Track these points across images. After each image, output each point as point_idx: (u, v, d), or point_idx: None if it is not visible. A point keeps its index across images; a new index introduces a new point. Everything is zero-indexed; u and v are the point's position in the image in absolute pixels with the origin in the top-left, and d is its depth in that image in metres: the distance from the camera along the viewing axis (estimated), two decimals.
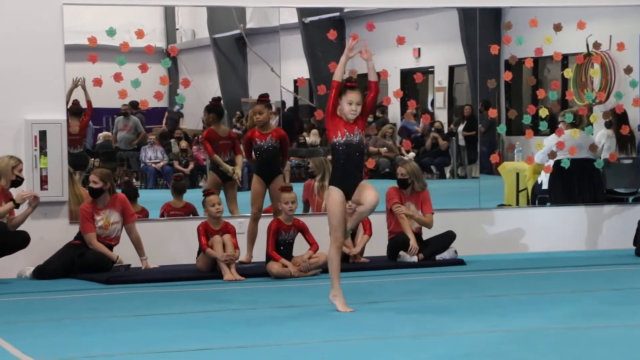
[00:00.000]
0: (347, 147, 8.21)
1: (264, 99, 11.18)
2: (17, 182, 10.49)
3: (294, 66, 16.85)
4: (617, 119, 13.11)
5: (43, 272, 10.57)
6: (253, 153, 11.14)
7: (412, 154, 15.65)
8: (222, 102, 12.05)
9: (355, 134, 8.22)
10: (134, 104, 13.52)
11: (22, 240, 10.41)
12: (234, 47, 17.56)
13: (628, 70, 12.82)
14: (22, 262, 10.74)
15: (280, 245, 10.56)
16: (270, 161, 10.94)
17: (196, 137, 15.10)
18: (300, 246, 10.75)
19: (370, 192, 8.21)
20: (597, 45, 13.06)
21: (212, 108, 12.43)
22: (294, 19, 16.61)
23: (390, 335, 7.46)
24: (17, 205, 10.36)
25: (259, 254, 10.84)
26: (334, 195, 8.20)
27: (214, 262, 10.51)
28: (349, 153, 8.20)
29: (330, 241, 8.29)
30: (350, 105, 8.20)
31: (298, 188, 12.73)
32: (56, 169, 10.93)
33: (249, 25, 17.07)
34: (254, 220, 11.00)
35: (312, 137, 17.92)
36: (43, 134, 10.92)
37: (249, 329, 7.81)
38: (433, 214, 11.40)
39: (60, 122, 10.98)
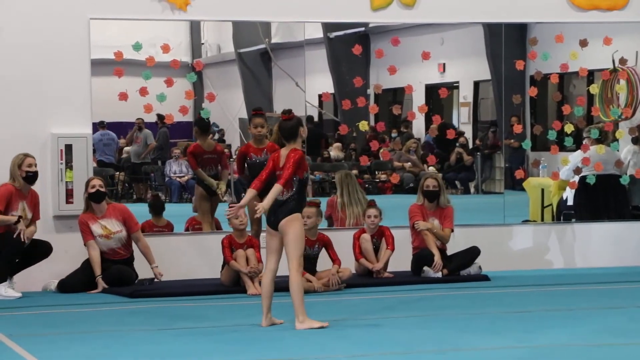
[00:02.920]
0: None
1: (261, 112, 11.13)
2: (31, 177, 10.40)
3: (319, 81, 16.89)
4: None
5: (67, 286, 10.60)
6: (247, 169, 11.03)
7: (432, 169, 15.63)
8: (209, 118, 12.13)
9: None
10: (160, 117, 13.60)
11: (45, 249, 10.41)
12: (259, 61, 17.62)
13: None
14: (47, 276, 10.78)
15: (304, 260, 10.52)
16: None
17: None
18: (323, 261, 10.74)
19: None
20: (623, 61, 13.00)
21: (195, 122, 12.47)
22: (319, 33, 16.65)
23: (414, 350, 7.43)
24: (17, 220, 10.27)
25: (283, 269, 10.81)
26: (302, 222, 8.41)
27: (238, 276, 10.51)
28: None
29: (295, 268, 8.26)
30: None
31: (321, 203, 12.75)
32: (81, 183, 10.95)
33: (274, 40, 17.13)
34: (255, 237, 10.91)
35: (335, 152, 17.94)
36: (69, 148, 10.96)
37: (273, 343, 7.80)
38: (452, 231, 11.36)
39: (86, 135, 11.03)
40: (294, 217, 8.30)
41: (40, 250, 10.43)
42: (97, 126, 15.01)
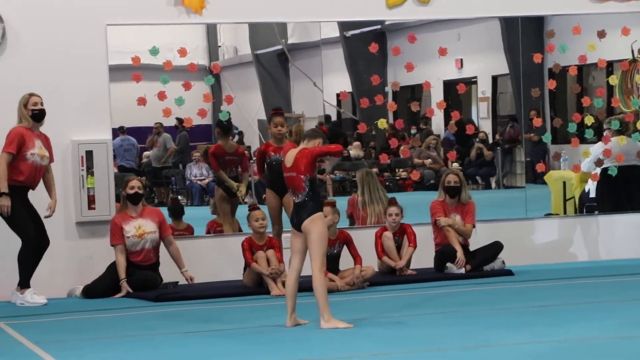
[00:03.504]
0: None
1: (281, 111, 11.20)
2: (37, 115, 10.27)
3: (336, 80, 16.89)
4: None
5: (92, 291, 10.63)
6: (266, 167, 11.07)
7: (455, 165, 15.61)
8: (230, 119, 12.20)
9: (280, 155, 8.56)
10: (180, 121, 13.67)
11: (45, 241, 10.28)
12: (276, 62, 17.64)
13: None
14: (71, 282, 10.82)
15: (326, 260, 10.52)
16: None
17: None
18: (346, 260, 10.73)
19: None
20: None
21: (217, 123, 12.57)
22: (335, 33, 16.66)
23: (439, 348, 7.42)
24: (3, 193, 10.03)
25: (306, 269, 10.82)
26: (325, 221, 8.40)
27: (261, 278, 10.52)
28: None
29: (318, 267, 8.24)
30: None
31: (342, 202, 12.75)
32: (103, 189, 11.00)
33: (290, 41, 17.14)
34: (277, 237, 10.92)
35: (355, 151, 17.94)
36: (89, 154, 11.00)
37: (297, 343, 7.80)
38: (474, 226, 11.34)
39: (106, 141, 11.06)
40: (317, 217, 8.32)
41: (41, 242, 10.27)
42: (117, 132, 15.06)
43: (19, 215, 10.14)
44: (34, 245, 10.21)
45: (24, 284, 10.24)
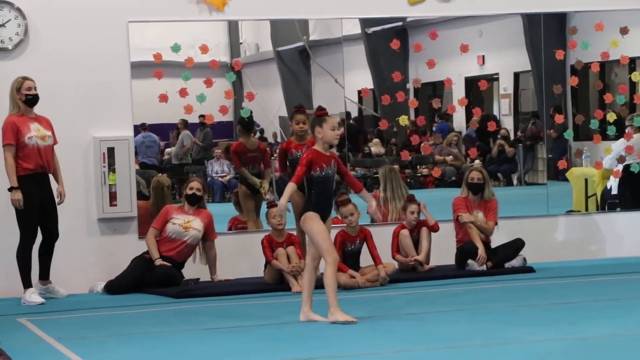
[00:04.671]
0: (324, 180, 8.34)
1: (303, 109, 11.23)
2: (31, 100, 10.15)
3: (358, 77, 16.86)
4: None
5: (114, 287, 10.68)
6: (289, 164, 11.08)
7: (477, 162, 15.56)
8: (252, 116, 12.24)
9: (332, 166, 8.38)
10: (204, 117, 13.70)
11: (54, 231, 10.24)
12: (297, 59, 17.62)
13: None
14: (93, 278, 10.88)
15: (347, 256, 10.55)
16: None
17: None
18: (366, 256, 10.73)
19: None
20: None
21: (238, 120, 12.62)
22: (356, 29, 16.62)
23: (460, 345, 7.41)
24: (11, 188, 10.00)
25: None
26: (316, 219, 8.28)
27: (282, 275, 10.54)
28: (325, 184, 8.34)
29: (328, 262, 8.25)
30: (333, 130, 8.34)
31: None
32: (125, 185, 11.04)
33: (312, 37, 17.12)
34: (300, 233, 10.94)
35: (376, 148, 17.92)
36: (111, 151, 11.04)
37: (318, 340, 7.81)
38: (496, 224, 11.32)
39: (128, 138, 11.10)
40: (305, 217, 8.37)
41: (51, 234, 10.26)
42: (138, 128, 15.09)
43: (27, 211, 10.08)
44: (30, 244, 10.14)
45: (24, 283, 10.19)
